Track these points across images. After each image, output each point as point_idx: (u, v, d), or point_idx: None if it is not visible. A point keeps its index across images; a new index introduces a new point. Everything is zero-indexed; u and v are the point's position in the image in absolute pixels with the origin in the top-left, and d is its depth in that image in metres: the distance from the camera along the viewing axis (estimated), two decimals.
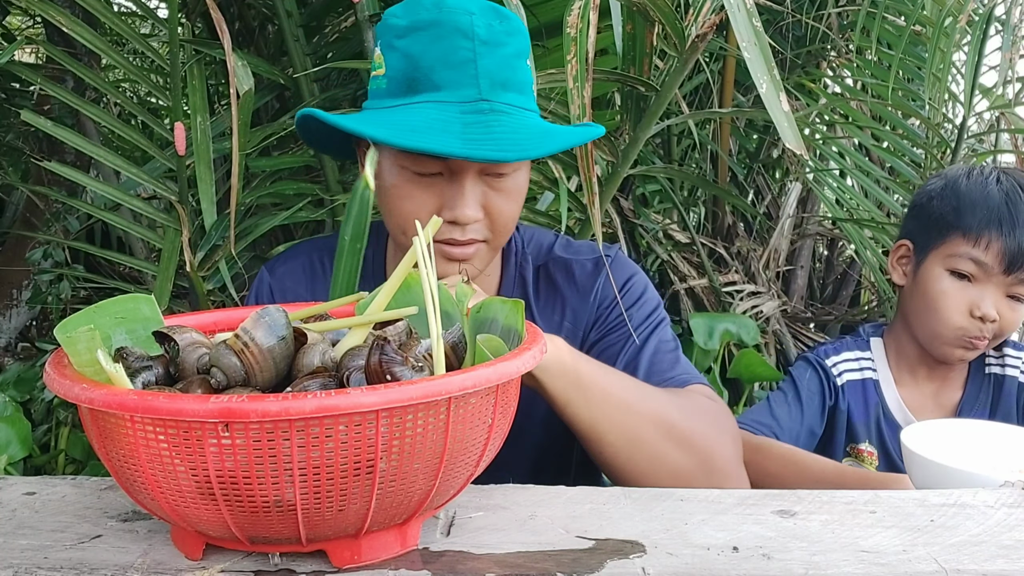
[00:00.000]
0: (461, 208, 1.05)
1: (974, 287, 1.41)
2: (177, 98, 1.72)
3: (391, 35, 1.07)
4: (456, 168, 1.05)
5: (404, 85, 1.06)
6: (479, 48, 1.03)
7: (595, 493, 0.90)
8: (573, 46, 1.28)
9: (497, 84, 1.05)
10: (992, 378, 1.55)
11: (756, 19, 1.39)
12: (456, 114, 1.02)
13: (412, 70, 1.05)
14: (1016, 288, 1.41)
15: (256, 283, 1.25)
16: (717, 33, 2.28)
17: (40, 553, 0.77)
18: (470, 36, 1.03)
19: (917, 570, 0.72)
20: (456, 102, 1.03)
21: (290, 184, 1.90)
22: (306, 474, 0.65)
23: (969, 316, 1.42)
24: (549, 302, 1.23)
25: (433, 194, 1.07)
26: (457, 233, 1.07)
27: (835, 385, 1.53)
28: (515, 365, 0.73)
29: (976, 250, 1.39)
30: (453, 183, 1.06)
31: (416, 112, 1.04)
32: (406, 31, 1.05)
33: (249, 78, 1.55)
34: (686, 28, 1.57)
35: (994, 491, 0.89)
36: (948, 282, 1.43)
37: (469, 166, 1.05)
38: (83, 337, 0.69)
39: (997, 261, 1.39)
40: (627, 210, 2.73)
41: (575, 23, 1.28)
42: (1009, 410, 1.53)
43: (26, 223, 2.82)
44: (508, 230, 1.12)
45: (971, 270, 1.40)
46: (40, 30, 3.08)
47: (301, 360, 0.76)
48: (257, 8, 2.08)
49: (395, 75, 1.07)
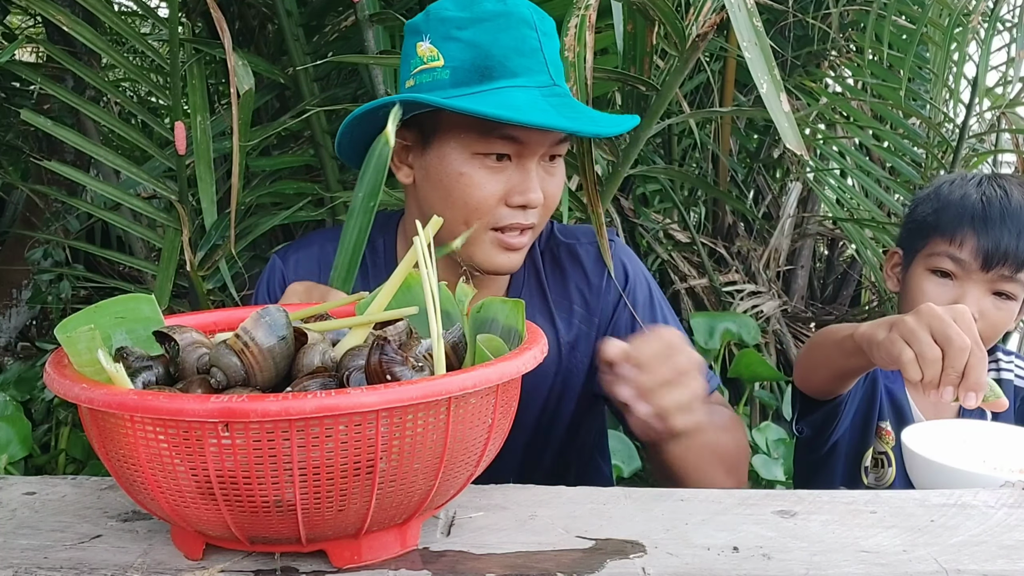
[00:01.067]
0: (533, 191, 1.10)
1: (955, 286, 1.41)
2: (177, 97, 1.71)
3: (450, 27, 1.09)
4: (524, 153, 1.09)
5: (476, 74, 1.08)
6: (543, 38, 1.09)
7: (595, 493, 0.90)
8: (572, 73, 1.27)
9: (559, 72, 1.12)
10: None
11: (757, 19, 1.38)
12: (540, 96, 1.07)
13: (483, 59, 1.08)
14: (1000, 285, 1.40)
15: (267, 271, 1.26)
16: (718, 33, 2.28)
17: (40, 553, 0.77)
18: (533, 27, 1.08)
19: (918, 570, 0.72)
20: (535, 87, 1.08)
21: (290, 183, 1.89)
22: (306, 474, 0.65)
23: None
24: (560, 286, 1.26)
25: (501, 180, 1.10)
26: (521, 217, 1.11)
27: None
28: (515, 365, 0.73)
29: (952, 248, 1.40)
30: (520, 168, 1.10)
31: (504, 95, 1.06)
32: (469, 22, 1.08)
33: (249, 77, 1.55)
34: (687, 28, 1.57)
35: (994, 491, 0.89)
36: (929, 281, 1.43)
37: (535, 151, 1.09)
38: (83, 337, 0.69)
39: (973, 257, 1.38)
40: (627, 210, 2.73)
41: (572, 46, 1.28)
42: (1007, 415, 1.50)
43: (26, 222, 2.82)
44: (550, 215, 1.17)
45: (950, 268, 1.40)
46: (40, 29, 3.08)
47: (301, 360, 0.76)
48: (257, 7, 2.07)
49: (462, 64, 1.08)
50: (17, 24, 3.47)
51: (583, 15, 1.29)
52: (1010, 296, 1.41)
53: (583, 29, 1.29)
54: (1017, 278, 1.40)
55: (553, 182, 1.13)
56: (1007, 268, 1.39)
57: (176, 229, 1.76)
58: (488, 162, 1.09)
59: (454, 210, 1.11)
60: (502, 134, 1.07)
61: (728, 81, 2.80)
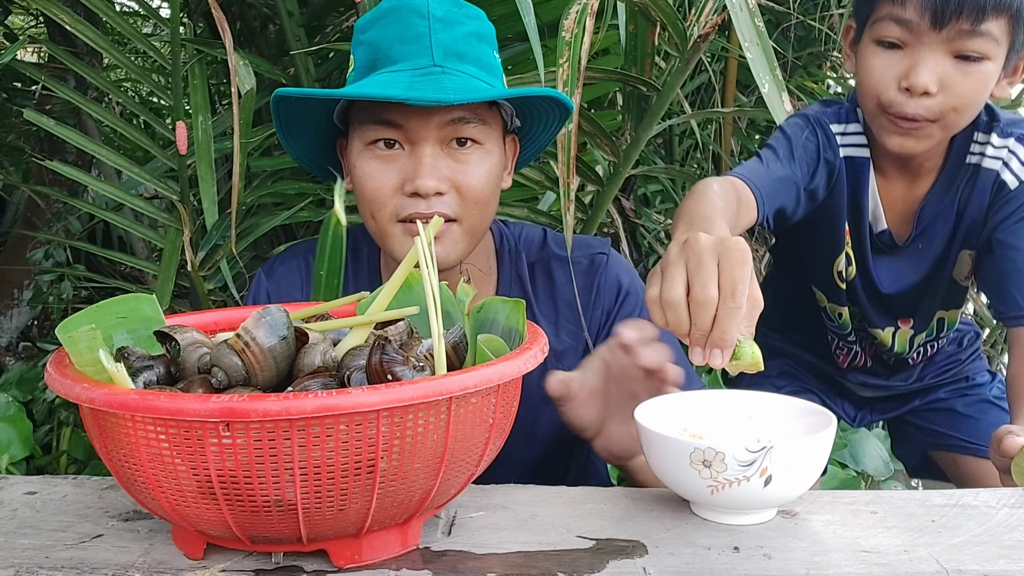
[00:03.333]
0: (422, 178, 1.04)
1: (905, 55, 1.21)
2: (179, 97, 1.71)
3: (359, 33, 1.11)
4: (412, 138, 1.06)
5: (366, 69, 1.09)
6: (434, 24, 1.05)
7: (596, 493, 0.90)
8: (567, 51, 1.27)
9: (452, 54, 1.06)
10: (970, 169, 1.35)
11: (758, 19, 1.39)
12: (406, 77, 1.04)
13: (373, 53, 1.08)
14: (960, 44, 1.18)
15: (254, 286, 1.25)
16: (719, 33, 2.28)
17: (41, 552, 0.77)
18: (425, 15, 1.05)
19: (918, 570, 0.72)
20: (409, 69, 1.05)
21: (291, 184, 1.89)
22: (307, 474, 0.65)
23: (897, 89, 1.22)
24: (548, 300, 1.23)
25: (395, 170, 1.07)
26: (423, 207, 1.06)
27: (837, 155, 1.35)
28: (516, 365, 0.73)
29: (896, 7, 1.20)
30: (412, 155, 1.07)
31: (370, 81, 1.06)
32: (370, 24, 1.09)
33: (251, 77, 1.55)
34: (688, 28, 1.57)
35: (995, 491, 0.89)
36: (875, 56, 1.24)
37: (422, 135, 1.05)
38: (84, 337, 0.70)
39: (919, 15, 1.17)
40: (629, 210, 2.72)
41: (571, 27, 1.28)
42: (980, 207, 1.35)
43: (27, 223, 2.82)
44: (481, 208, 1.10)
45: (897, 34, 1.20)
46: (42, 30, 3.08)
47: (302, 360, 0.77)
48: (258, 8, 2.07)
49: (361, 64, 1.10)
50: (20, 25, 3.47)
51: (585, 3, 1.29)
52: (978, 57, 1.19)
53: (584, 14, 1.29)
54: (980, 31, 1.17)
55: (463, 169, 1.07)
56: (964, 21, 1.16)
57: (177, 229, 1.76)
58: (377, 151, 1.07)
59: (362, 206, 1.11)
60: (377, 119, 1.05)
61: (729, 82, 2.80)
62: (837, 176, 1.36)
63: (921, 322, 1.51)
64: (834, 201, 1.38)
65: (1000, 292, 1.32)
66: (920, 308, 1.49)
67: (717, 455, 0.77)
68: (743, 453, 0.77)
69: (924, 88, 1.20)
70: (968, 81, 1.20)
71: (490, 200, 1.12)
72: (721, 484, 0.78)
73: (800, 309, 1.61)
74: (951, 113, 1.23)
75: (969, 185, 1.35)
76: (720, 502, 0.80)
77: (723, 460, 0.77)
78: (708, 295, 0.79)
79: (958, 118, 1.25)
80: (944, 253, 1.42)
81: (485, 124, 1.08)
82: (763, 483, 0.78)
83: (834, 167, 1.35)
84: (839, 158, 1.35)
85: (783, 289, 1.64)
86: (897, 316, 1.51)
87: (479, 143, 1.08)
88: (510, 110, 1.14)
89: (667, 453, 0.81)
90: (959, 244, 1.40)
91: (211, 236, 1.71)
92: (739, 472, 0.77)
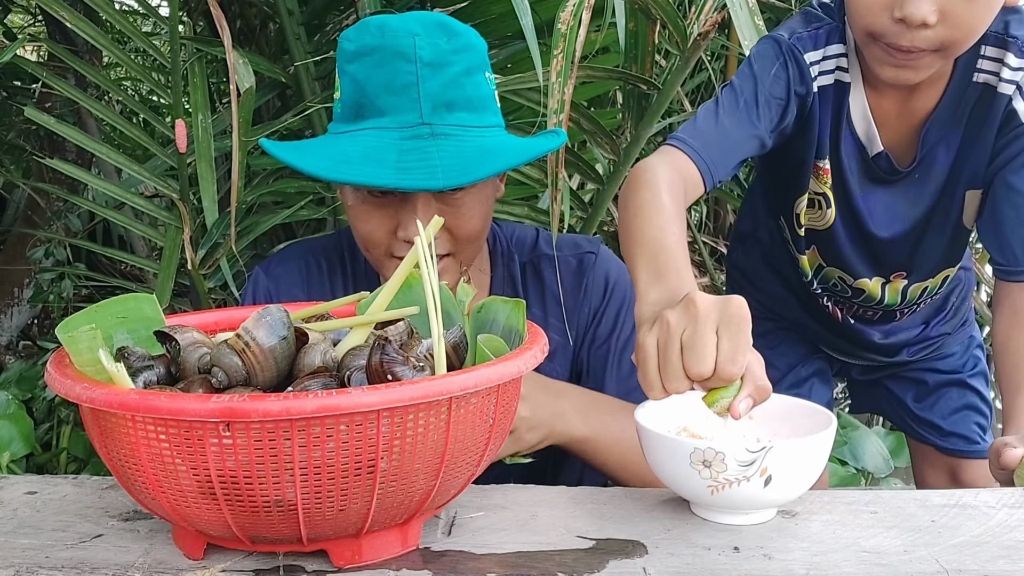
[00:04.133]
0: (414, 229, 1.02)
1: None
2: (178, 96, 1.71)
3: (343, 59, 1.08)
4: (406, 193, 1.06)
5: (352, 111, 1.07)
6: (422, 71, 1.03)
7: (596, 493, 0.90)
8: (562, 42, 1.27)
9: (441, 106, 1.04)
10: (980, 89, 1.20)
11: (758, 17, 1.39)
12: (395, 140, 1.03)
13: (359, 95, 1.06)
14: None
15: (251, 284, 1.24)
16: (719, 31, 2.27)
17: (41, 552, 0.77)
18: (412, 59, 1.03)
19: (918, 570, 0.72)
20: (396, 128, 1.04)
21: (291, 182, 1.89)
22: (307, 474, 0.65)
23: (890, 18, 1.08)
24: (537, 299, 1.23)
25: (387, 215, 1.08)
26: None
27: (810, 88, 1.22)
28: (516, 365, 0.73)
29: None
30: (405, 204, 1.06)
31: (356, 140, 1.04)
32: (354, 56, 1.06)
33: (250, 76, 1.55)
34: (688, 26, 1.57)
35: (995, 491, 0.89)
36: None
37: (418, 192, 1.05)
38: (85, 336, 0.70)
39: None
40: None
41: (567, 20, 1.28)
42: (988, 134, 1.21)
43: (27, 221, 2.82)
44: (473, 243, 1.12)
45: None
46: (41, 28, 3.08)
47: (302, 360, 0.77)
48: (258, 6, 2.07)
49: (346, 100, 1.08)
50: (19, 23, 3.47)
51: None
52: None
53: (581, 7, 1.28)
54: None
55: (457, 213, 1.07)
56: None
57: (177, 227, 1.76)
58: (371, 197, 1.07)
59: (356, 238, 1.13)
60: (368, 189, 1.06)
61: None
62: (809, 110, 1.23)
63: (919, 277, 1.39)
64: (805, 140, 1.26)
65: (999, 240, 1.22)
66: (918, 259, 1.36)
67: (717, 455, 0.77)
68: (743, 453, 0.77)
69: (922, 19, 1.05)
70: (973, 8, 1.05)
71: (483, 231, 1.13)
72: (721, 484, 0.78)
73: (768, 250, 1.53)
74: (953, 44, 1.10)
75: (979, 109, 1.21)
76: (720, 502, 0.80)
77: (723, 460, 0.77)
78: (704, 367, 0.78)
79: (961, 46, 1.11)
80: (944, 188, 1.27)
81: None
82: (763, 483, 0.78)
83: (806, 101, 1.22)
84: (812, 92, 1.22)
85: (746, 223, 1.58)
86: (891, 269, 1.38)
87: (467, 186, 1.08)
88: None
89: (667, 453, 0.81)
90: (964, 181, 1.26)
91: (211, 234, 1.71)
92: (739, 472, 0.77)
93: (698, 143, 1.13)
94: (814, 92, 1.22)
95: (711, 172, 1.13)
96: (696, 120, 1.17)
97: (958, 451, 1.57)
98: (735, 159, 1.17)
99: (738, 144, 1.16)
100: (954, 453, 1.58)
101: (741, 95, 1.18)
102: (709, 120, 1.16)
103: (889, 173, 1.28)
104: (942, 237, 1.34)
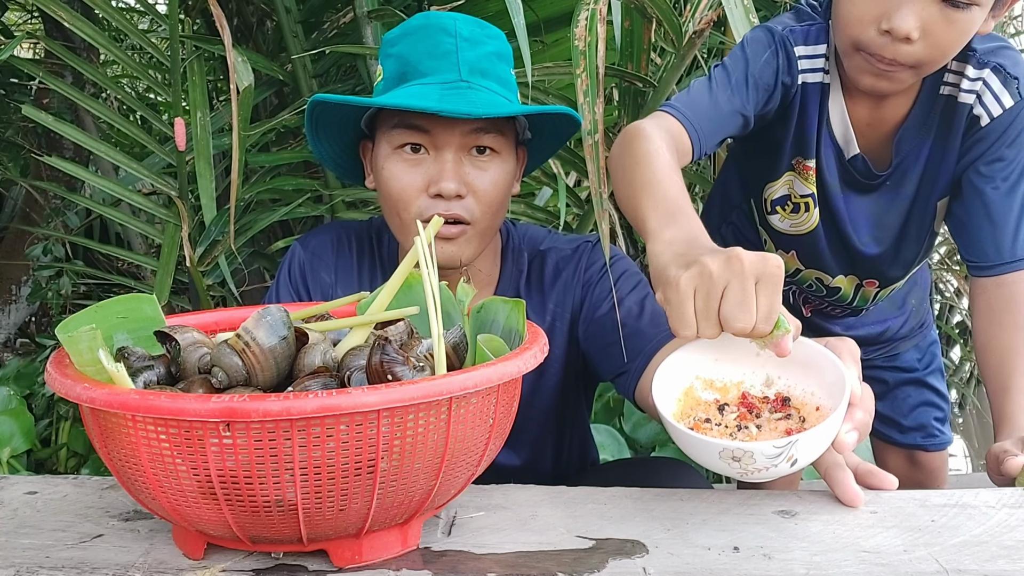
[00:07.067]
0: (445, 180, 1.11)
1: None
2: (177, 94, 1.71)
3: (387, 46, 1.19)
4: (438, 144, 1.12)
5: (396, 79, 1.16)
6: (460, 43, 1.13)
7: (596, 493, 0.90)
8: (583, 60, 1.27)
9: (477, 72, 1.14)
10: (945, 100, 1.27)
11: (753, 15, 1.39)
12: (437, 89, 1.11)
13: (403, 67, 1.15)
14: None
15: (288, 257, 1.31)
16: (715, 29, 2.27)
17: (42, 552, 0.77)
18: (452, 34, 1.14)
19: (918, 570, 0.72)
20: (438, 83, 1.12)
21: (289, 180, 1.89)
22: (307, 474, 0.65)
23: (877, 30, 1.13)
24: (537, 291, 1.26)
25: (419, 172, 1.14)
26: (442, 207, 1.12)
27: (795, 80, 1.27)
28: (516, 365, 0.73)
29: None
30: (437, 159, 1.13)
31: (403, 91, 1.13)
32: (399, 38, 1.17)
33: (249, 74, 1.55)
34: (684, 24, 1.57)
35: (995, 491, 0.89)
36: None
37: (447, 140, 1.12)
38: (85, 337, 0.69)
39: None
40: None
41: (583, 35, 1.28)
42: (955, 141, 1.27)
43: (25, 218, 2.82)
44: (494, 213, 1.17)
45: None
46: (38, 25, 3.07)
47: (302, 360, 0.77)
48: (256, 4, 2.07)
49: (391, 75, 1.17)
50: (15, 21, 3.46)
51: (593, 9, 1.29)
52: (966, 3, 1.10)
53: (594, 21, 1.29)
54: None
55: (482, 176, 1.14)
56: None
57: (176, 225, 1.76)
58: (405, 154, 1.14)
59: (387, 205, 1.18)
60: (406, 124, 1.12)
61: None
62: (791, 102, 1.28)
63: (889, 283, 1.45)
64: (784, 127, 1.30)
65: (968, 238, 1.27)
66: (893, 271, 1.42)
67: (746, 453, 0.79)
68: (770, 449, 0.78)
69: (906, 33, 1.11)
70: (951, 30, 1.12)
71: (502, 205, 1.18)
72: (751, 472, 0.80)
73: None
74: (927, 63, 1.16)
75: (945, 118, 1.27)
76: (750, 480, 0.83)
77: (752, 456, 0.79)
78: (747, 323, 0.81)
79: (934, 66, 1.18)
80: (917, 197, 1.33)
81: (502, 135, 1.15)
82: (789, 465, 0.80)
83: (789, 91, 1.27)
84: (797, 84, 1.27)
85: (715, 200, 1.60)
86: (866, 275, 1.43)
87: (496, 152, 1.15)
88: (524, 123, 1.21)
89: (698, 450, 0.83)
90: (937, 191, 1.31)
91: (209, 232, 1.71)
92: (767, 463, 0.79)
93: (691, 112, 1.18)
94: (798, 84, 1.27)
95: (700, 142, 1.17)
96: (690, 91, 1.22)
97: (917, 445, 1.63)
98: (721, 134, 1.21)
99: (726, 119, 1.21)
100: (914, 447, 1.63)
101: (732, 74, 1.23)
102: (703, 92, 1.21)
103: (866, 177, 1.33)
104: (917, 247, 1.40)
